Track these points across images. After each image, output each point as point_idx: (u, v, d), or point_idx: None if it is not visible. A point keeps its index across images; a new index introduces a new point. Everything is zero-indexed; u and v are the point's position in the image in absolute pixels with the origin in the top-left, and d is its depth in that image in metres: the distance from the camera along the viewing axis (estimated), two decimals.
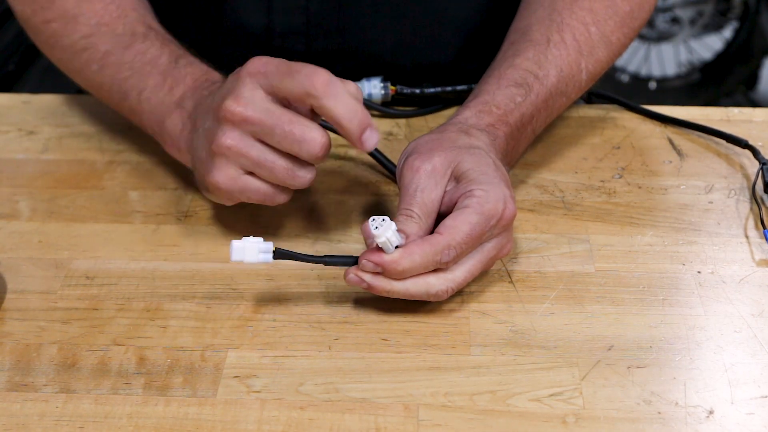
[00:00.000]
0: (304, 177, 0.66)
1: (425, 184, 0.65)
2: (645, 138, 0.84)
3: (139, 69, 0.76)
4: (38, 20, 0.82)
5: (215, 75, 0.75)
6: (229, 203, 0.69)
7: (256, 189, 0.67)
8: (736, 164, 0.81)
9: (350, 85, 0.64)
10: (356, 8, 0.87)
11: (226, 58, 0.91)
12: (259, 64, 0.65)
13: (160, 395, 0.61)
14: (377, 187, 0.79)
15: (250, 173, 0.66)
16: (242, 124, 0.64)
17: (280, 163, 0.65)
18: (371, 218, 0.62)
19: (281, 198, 0.68)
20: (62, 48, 0.81)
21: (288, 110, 0.64)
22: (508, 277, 0.69)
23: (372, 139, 0.63)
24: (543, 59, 0.75)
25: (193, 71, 0.74)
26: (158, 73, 0.75)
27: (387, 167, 0.79)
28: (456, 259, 0.63)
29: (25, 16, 0.83)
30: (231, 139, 0.64)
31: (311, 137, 0.63)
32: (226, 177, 0.66)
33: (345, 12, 0.87)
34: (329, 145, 0.64)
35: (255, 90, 0.64)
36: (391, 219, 0.63)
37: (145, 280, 0.70)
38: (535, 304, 0.67)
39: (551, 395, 0.60)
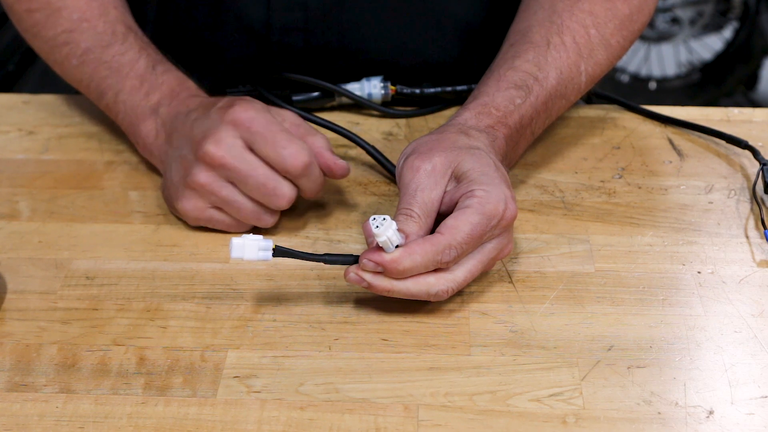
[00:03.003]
0: (267, 220, 0.72)
1: (425, 183, 0.65)
2: (645, 138, 0.84)
3: (116, 70, 0.78)
4: (22, 8, 0.83)
5: (191, 84, 0.78)
6: (194, 224, 0.73)
7: (221, 221, 0.72)
8: (736, 164, 0.81)
9: (320, 139, 0.71)
10: (356, 6, 0.87)
11: (225, 53, 0.91)
12: (245, 116, 0.69)
13: (160, 395, 0.61)
14: (377, 187, 0.79)
15: (219, 208, 0.71)
16: (218, 167, 0.68)
17: (247, 206, 0.70)
18: (372, 217, 0.62)
19: (244, 229, 0.72)
20: (44, 39, 0.83)
21: (263, 163, 0.68)
22: (508, 277, 0.69)
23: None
24: (543, 61, 0.75)
25: (170, 79, 0.77)
26: (135, 77, 0.78)
27: (387, 167, 0.79)
28: (456, 259, 0.63)
29: (9, 3, 0.84)
30: (205, 178, 0.69)
31: (282, 193, 0.69)
32: (194, 207, 0.71)
33: (344, 9, 0.87)
34: (294, 198, 0.70)
35: (235, 138, 0.68)
36: (392, 218, 0.63)
37: (145, 280, 0.70)
38: (535, 304, 0.67)
39: (551, 395, 0.60)
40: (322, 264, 0.65)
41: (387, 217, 0.62)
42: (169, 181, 0.73)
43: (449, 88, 0.88)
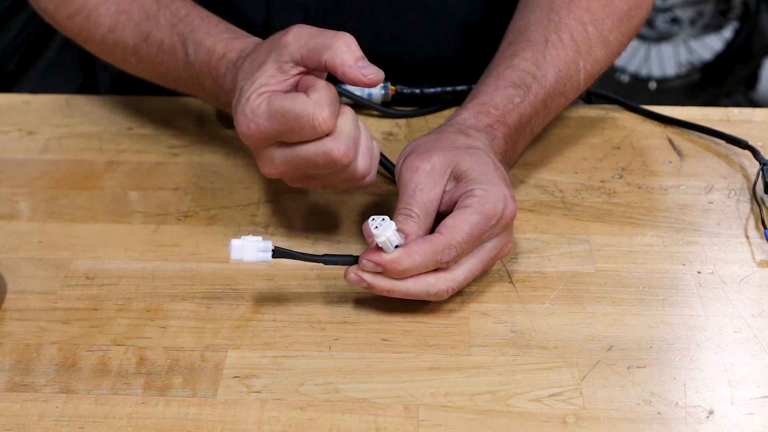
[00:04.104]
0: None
1: (424, 183, 0.65)
2: (645, 138, 0.84)
3: (166, 63, 0.77)
4: (62, 16, 0.82)
5: (219, 48, 0.72)
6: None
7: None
8: (736, 165, 0.81)
9: (340, 51, 0.63)
10: (355, 5, 0.87)
11: None
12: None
13: (160, 395, 0.61)
14: (377, 187, 0.79)
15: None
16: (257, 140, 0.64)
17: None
18: (371, 218, 0.62)
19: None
20: (95, 44, 0.82)
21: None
22: (508, 277, 0.69)
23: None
24: (541, 59, 0.75)
25: (202, 56, 0.73)
26: (183, 69, 0.76)
27: (387, 167, 0.79)
28: (456, 259, 0.63)
29: (50, 13, 0.83)
30: (266, 167, 0.65)
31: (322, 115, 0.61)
32: (279, 174, 0.66)
33: (344, 9, 0.87)
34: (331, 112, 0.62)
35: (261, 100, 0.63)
36: (391, 219, 0.63)
37: (145, 280, 0.70)
38: (535, 304, 0.67)
39: (551, 395, 0.60)
40: (321, 264, 0.66)
41: (386, 217, 0.62)
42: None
43: (449, 88, 0.88)
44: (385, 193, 0.78)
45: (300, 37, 0.64)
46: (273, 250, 0.63)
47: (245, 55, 0.69)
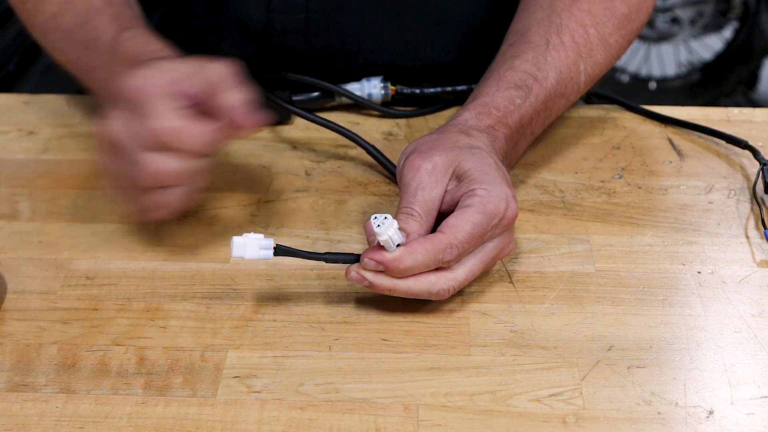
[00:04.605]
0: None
1: (426, 182, 0.65)
2: (645, 138, 0.84)
3: (91, 47, 0.76)
4: (18, 1, 0.83)
5: (153, 47, 0.72)
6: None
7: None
8: (736, 165, 0.81)
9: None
10: (356, 7, 0.87)
11: (226, 54, 0.91)
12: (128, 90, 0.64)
13: (160, 395, 0.61)
14: (377, 187, 0.79)
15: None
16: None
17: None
18: (373, 216, 0.62)
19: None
20: (36, 27, 0.82)
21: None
22: (508, 277, 0.69)
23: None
24: (542, 61, 0.75)
25: (132, 46, 0.73)
26: (104, 51, 0.74)
27: (387, 167, 0.79)
28: (458, 258, 0.63)
29: (15, 3, 0.84)
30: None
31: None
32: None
33: (345, 11, 0.87)
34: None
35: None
36: (393, 218, 0.63)
37: (145, 280, 0.70)
38: (535, 304, 0.67)
39: (551, 395, 0.60)
40: (322, 264, 0.66)
41: (388, 216, 0.62)
42: None
43: (449, 88, 0.88)
44: (384, 193, 0.78)
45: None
46: (275, 248, 0.63)
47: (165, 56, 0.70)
